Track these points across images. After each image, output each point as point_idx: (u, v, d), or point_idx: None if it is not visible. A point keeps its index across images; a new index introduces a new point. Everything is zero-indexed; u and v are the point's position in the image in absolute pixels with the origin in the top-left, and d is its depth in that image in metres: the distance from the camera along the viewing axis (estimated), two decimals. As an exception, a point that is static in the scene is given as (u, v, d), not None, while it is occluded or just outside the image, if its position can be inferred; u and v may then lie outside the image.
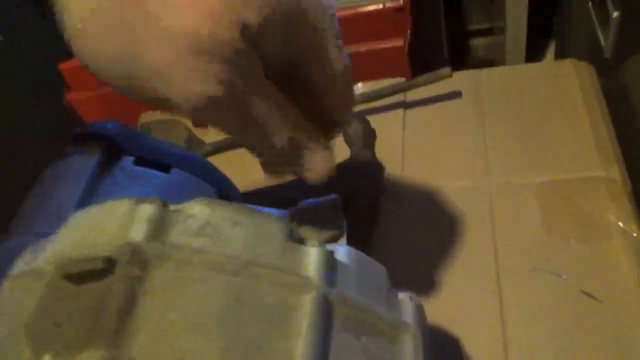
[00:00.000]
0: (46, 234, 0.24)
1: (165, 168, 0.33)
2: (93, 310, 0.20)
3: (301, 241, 0.25)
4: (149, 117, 0.72)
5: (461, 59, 1.19)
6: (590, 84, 0.53)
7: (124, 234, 0.21)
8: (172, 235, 0.22)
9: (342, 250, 0.27)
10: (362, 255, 0.28)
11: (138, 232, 0.21)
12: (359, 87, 0.62)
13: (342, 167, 0.56)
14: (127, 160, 0.32)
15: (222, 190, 0.38)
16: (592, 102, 0.52)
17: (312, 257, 0.24)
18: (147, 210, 0.22)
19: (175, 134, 0.65)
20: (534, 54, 1.14)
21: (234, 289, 0.21)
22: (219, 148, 0.64)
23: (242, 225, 0.23)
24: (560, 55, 1.08)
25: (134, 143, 0.33)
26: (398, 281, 0.46)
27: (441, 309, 0.42)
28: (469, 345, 0.40)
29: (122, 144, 0.32)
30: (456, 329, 0.40)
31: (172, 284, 0.20)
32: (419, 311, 0.29)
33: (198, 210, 0.23)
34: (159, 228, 0.22)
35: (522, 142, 0.51)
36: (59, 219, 0.26)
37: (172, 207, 0.23)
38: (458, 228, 0.46)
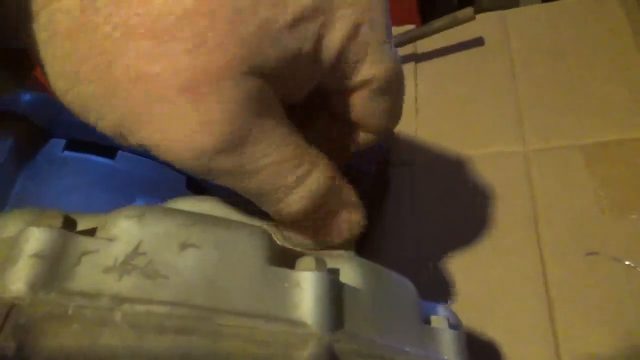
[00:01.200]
0: None
1: (109, 152, 0.25)
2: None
3: (289, 260, 0.17)
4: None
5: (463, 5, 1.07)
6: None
7: (-2, 279, 0.13)
8: (78, 277, 0.14)
9: (350, 267, 0.19)
10: (380, 269, 0.20)
11: (18, 277, 0.13)
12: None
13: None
14: (56, 145, 0.24)
15: (199, 177, 0.29)
16: (646, 42, 0.42)
17: (306, 287, 0.16)
18: (35, 237, 0.13)
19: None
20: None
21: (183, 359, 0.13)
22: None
23: (196, 248, 0.15)
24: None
25: (64, 121, 0.24)
26: (418, 272, 0.38)
27: (472, 305, 0.34)
28: (510, 349, 0.32)
29: (45, 123, 0.23)
30: (493, 331, 0.33)
31: (75, 362, 0.12)
32: (459, 338, 0.21)
33: (123, 228, 0.15)
34: (55, 266, 0.13)
35: (562, 95, 0.42)
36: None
37: (84, 221, 0.15)
38: (487, 205, 0.38)
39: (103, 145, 0.25)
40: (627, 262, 0.33)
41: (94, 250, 0.14)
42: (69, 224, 0.14)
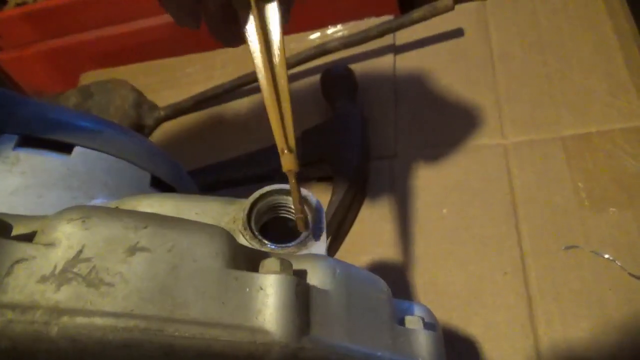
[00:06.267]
0: None
1: (65, 148, 0.23)
2: None
3: (253, 261, 0.16)
4: (89, 77, 0.61)
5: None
6: (619, 9, 0.44)
7: None
8: (10, 288, 0.12)
9: (319, 268, 0.17)
10: (351, 269, 0.19)
11: (-61, 289, 0.12)
12: (338, 30, 0.51)
13: (321, 128, 0.47)
14: (7, 141, 0.22)
15: (164, 174, 0.28)
16: (624, 26, 0.42)
17: (270, 291, 0.15)
18: (-40, 244, 0.12)
19: (120, 96, 0.54)
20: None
21: (127, 375, 0.12)
22: (175, 112, 0.53)
23: (147, 253, 0.14)
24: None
25: (15, 115, 0.23)
26: (395, 268, 0.37)
27: (451, 301, 0.34)
28: (489, 344, 0.32)
29: (-6, 118, 0.22)
30: (472, 327, 0.32)
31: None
32: (435, 339, 0.20)
33: (65, 232, 0.13)
34: (-18, 277, 0.12)
35: (542, 87, 0.41)
36: None
37: (22, 224, 0.14)
38: (466, 198, 0.38)
39: (59, 142, 0.23)
40: (606, 256, 0.32)
41: (29, 258, 0.13)
42: (2, 229, 0.13)
